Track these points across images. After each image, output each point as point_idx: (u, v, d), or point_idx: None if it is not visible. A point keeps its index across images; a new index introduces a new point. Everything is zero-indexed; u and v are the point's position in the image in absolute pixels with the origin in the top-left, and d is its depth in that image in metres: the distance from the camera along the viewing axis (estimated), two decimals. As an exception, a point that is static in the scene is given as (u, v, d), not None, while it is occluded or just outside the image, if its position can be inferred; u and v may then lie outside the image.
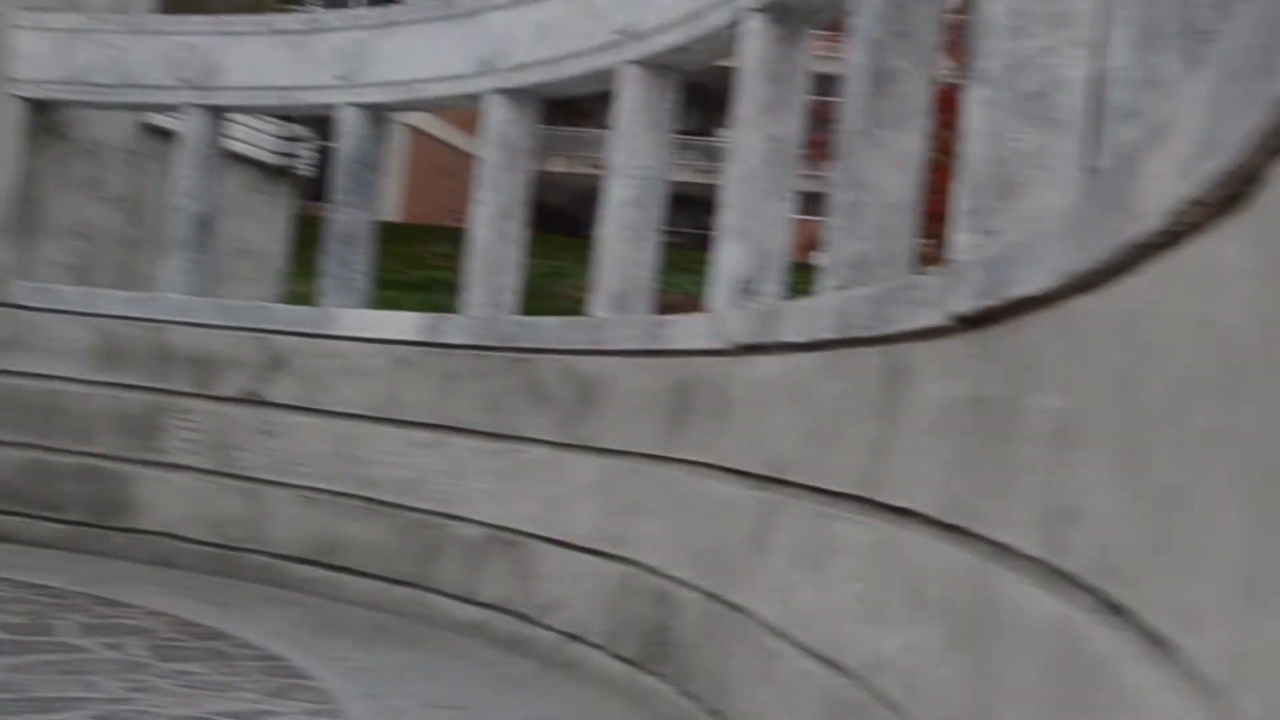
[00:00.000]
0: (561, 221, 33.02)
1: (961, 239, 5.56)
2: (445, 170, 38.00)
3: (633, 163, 10.18)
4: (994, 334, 4.52)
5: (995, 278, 4.43)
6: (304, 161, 18.00)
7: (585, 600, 9.61)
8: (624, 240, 10.15)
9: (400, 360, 11.69)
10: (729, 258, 8.55)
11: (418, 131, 36.07)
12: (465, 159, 39.57)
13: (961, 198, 5.64)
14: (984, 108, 5.57)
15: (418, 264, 26.71)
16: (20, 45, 13.70)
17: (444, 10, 12.26)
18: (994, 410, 4.39)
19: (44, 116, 13.97)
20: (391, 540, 11.61)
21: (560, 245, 27.61)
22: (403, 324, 12.02)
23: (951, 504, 4.77)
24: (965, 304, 4.75)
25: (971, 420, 4.63)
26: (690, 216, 30.40)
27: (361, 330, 12.10)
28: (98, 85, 13.65)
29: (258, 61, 13.12)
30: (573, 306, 22.74)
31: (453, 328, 11.50)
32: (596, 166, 40.25)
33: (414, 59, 12.22)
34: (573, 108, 31.27)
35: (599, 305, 10.23)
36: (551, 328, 10.73)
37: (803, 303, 7.09)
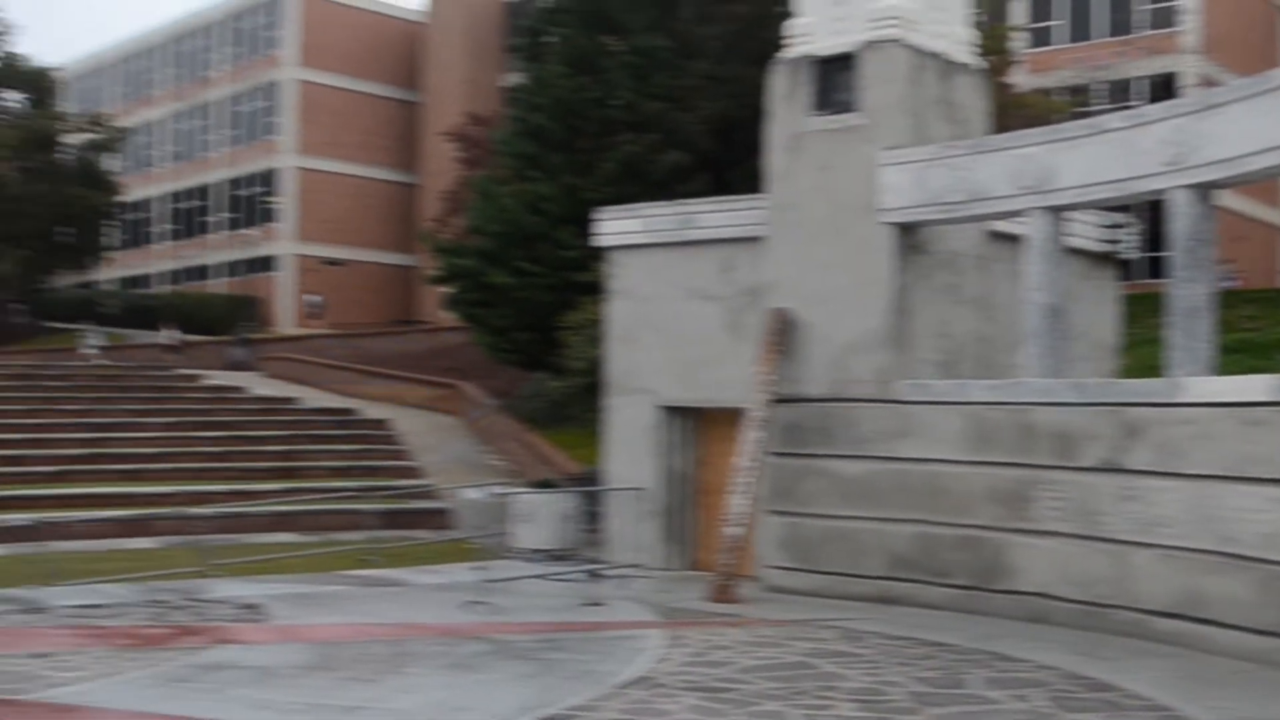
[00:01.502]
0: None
1: None
2: (1236, 236, 37.11)
3: None
4: None
5: None
6: (1126, 246, 18.79)
7: None
8: None
9: (1251, 421, 12.07)
10: None
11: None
12: (1251, 224, 39.05)
13: None
14: None
15: (1226, 328, 26.27)
16: (886, 179, 16.02)
17: (1263, 85, 12.58)
18: None
19: (908, 237, 16.10)
20: (1254, 593, 11.94)
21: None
22: (1251, 386, 12.35)
23: None
24: None
25: None
26: None
27: (1209, 396, 12.64)
28: (950, 203, 15.52)
29: (1090, 161, 14.22)
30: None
31: (1307, 388, 11.71)
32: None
33: (1238, 136, 12.67)
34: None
35: None
36: None
37: None
